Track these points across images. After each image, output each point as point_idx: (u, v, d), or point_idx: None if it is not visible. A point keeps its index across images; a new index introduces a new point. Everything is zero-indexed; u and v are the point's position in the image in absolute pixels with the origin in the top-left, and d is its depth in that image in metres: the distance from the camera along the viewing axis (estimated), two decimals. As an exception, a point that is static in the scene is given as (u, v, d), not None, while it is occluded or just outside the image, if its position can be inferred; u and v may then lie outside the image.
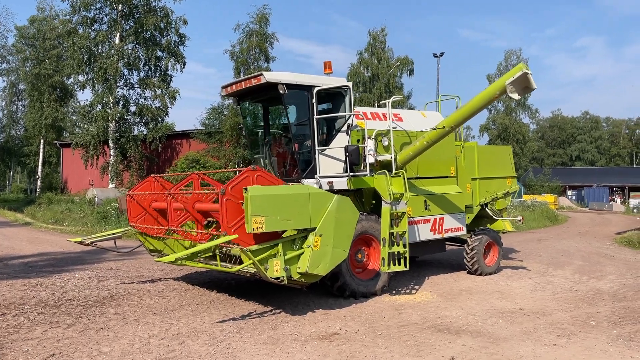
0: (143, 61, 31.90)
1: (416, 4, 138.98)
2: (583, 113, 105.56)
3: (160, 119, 31.88)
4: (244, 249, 6.87)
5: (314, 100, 8.88)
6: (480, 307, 8.25)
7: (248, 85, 8.95)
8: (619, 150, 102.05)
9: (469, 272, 11.09)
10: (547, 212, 29.50)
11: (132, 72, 31.74)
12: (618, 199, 59.25)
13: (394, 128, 9.41)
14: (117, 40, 30.79)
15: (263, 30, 28.88)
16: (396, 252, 8.69)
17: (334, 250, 7.60)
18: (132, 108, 31.89)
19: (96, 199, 26.84)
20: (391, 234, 8.57)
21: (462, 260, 11.12)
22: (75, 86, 34.66)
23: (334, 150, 8.98)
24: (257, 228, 6.87)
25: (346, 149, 8.56)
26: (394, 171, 9.12)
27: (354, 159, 8.46)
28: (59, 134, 46.54)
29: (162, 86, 31.44)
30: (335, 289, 8.55)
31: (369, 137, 9.25)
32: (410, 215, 9.18)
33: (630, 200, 42.54)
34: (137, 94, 31.96)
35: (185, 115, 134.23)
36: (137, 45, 31.41)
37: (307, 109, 9.08)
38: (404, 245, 8.75)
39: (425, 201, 10.00)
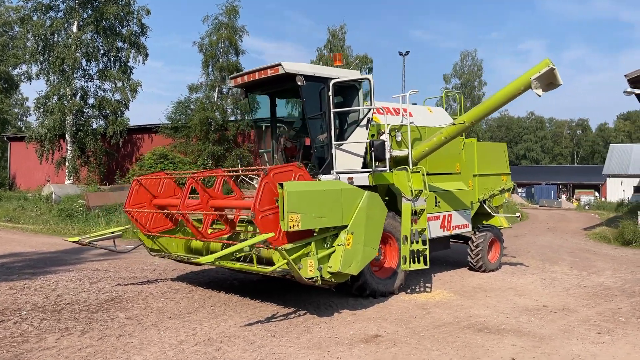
0: (102, 52, 30.54)
1: (369, 3, 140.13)
2: (529, 114, 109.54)
3: (120, 112, 30.62)
4: (279, 247, 6.47)
5: (330, 93, 8.56)
6: (503, 304, 8.15)
7: (263, 76, 8.51)
8: (562, 150, 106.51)
9: (471, 269, 11.04)
10: (512, 209, 30.19)
11: (91, 63, 30.37)
12: (564, 196, 61.72)
13: (411, 123, 9.19)
14: (74, 29, 29.33)
15: (232, 23, 28.16)
16: (415, 250, 8.49)
17: (365, 248, 7.30)
18: (91, 100, 30.49)
19: (54, 195, 25.45)
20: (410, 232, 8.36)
21: (460, 257, 11.07)
22: (23, 77, 32.87)
23: (351, 145, 8.68)
24: (293, 226, 6.48)
25: (371, 143, 8.27)
26: (410, 167, 8.92)
27: (379, 154, 8.19)
28: (3, 127, 44.06)
29: (122, 78, 30.19)
30: (355, 288, 8.25)
31: (384, 132, 9.00)
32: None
33: (581, 197, 44.29)
34: (96, 86, 30.61)
35: (146, 110, 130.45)
36: (96, 35, 30.02)
37: (319, 102, 8.77)
38: (424, 243, 8.57)
39: (435, 198, 9.85)
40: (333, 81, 8.56)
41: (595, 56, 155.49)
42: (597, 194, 59.97)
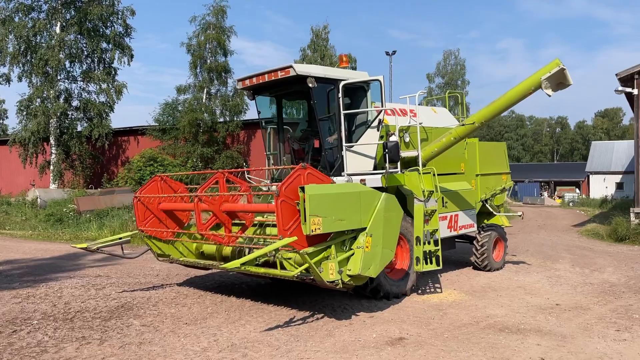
0: (86, 53, 30.04)
1: (347, 3, 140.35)
2: (509, 112, 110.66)
3: (105, 114, 30.12)
4: (301, 251, 6.42)
5: (340, 95, 8.52)
6: (517, 304, 8.19)
7: (273, 78, 8.43)
8: (542, 147, 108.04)
9: (475, 268, 11.10)
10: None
11: (74, 64, 29.84)
12: (545, 193, 62.61)
13: (419, 124, 9.19)
14: (57, 29, 28.80)
15: (220, 23, 27.90)
16: (427, 251, 8.50)
17: (383, 250, 7.28)
18: (75, 103, 29.97)
19: (39, 200, 24.96)
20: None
21: (461, 256, 11.11)
22: (1, 79, 32.17)
23: (362, 146, 8.65)
24: (315, 229, 6.43)
25: (385, 145, 8.24)
26: (420, 168, 8.92)
27: (393, 155, 8.16)
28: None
29: (107, 80, 29.72)
30: (369, 290, 8.21)
31: (392, 133, 8.99)
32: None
33: (565, 194, 44.98)
34: (80, 87, 30.10)
35: (122, 111, 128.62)
36: (79, 36, 29.51)
37: (329, 104, 8.74)
38: (435, 243, 8.58)
39: (442, 198, 9.87)
40: (343, 83, 8.52)
41: (572, 54, 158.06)
42: (578, 190, 60.96)
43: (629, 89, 16.72)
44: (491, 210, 11.79)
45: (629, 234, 16.26)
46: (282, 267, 7.07)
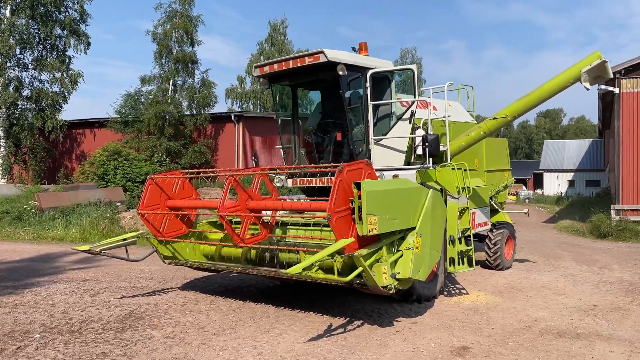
0: (38, 39, 28.07)
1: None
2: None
3: (59, 105, 28.25)
4: (355, 253, 5.81)
5: (368, 84, 7.96)
6: (553, 305, 7.84)
7: (299, 64, 7.75)
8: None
9: (486, 267, 10.78)
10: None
11: (26, 51, 27.83)
12: (496, 191, 63.93)
13: (448, 117, 8.73)
14: (7, 13, 26.75)
15: (187, 12, 26.61)
16: (460, 251, 8.06)
17: (431, 252, 6.76)
18: (26, 92, 27.96)
19: (-13, 196, 23.08)
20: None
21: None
22: None
23: (392, 140, 8.11)
24: (372, 229, 5.84)
25: (425, 138, 7.72)
26: (449, 162, 8.48)
27: (433, 149, 7.65)
28: None
29: (61, 68, 27.87)
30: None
31: (418, 127, 8.52)
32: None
33: (520, 192, 46.07)
34: (32, 76, 28.10)
35: (85, 103, 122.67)
36: (31, 21, 27.53)
37: (357, 94, 8.19)
38: (467, 243, 8.16)
39: (465, 195, 9.47)
40: (371, 71, 7.96)
41: (512, 56, 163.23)
42: (524, 188, 62.74)
43: (611, 88, 16.96)
44: (496, 207, 11.52)
45: (611, 230, 16.49)
46: (339, 271, 6.46)
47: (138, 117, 25.22)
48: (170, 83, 26.33)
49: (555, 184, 49.92)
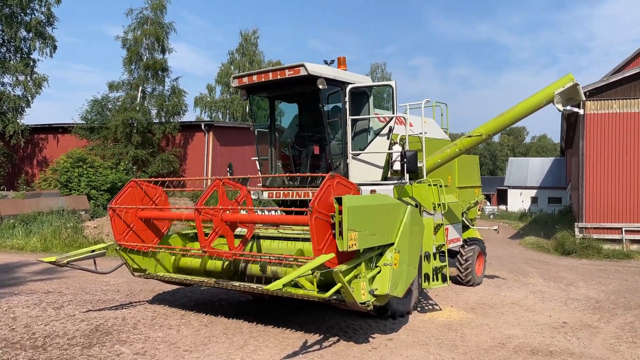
0: (1, 40, 27.24)
1: (269, 10, 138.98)
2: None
3: (21, 109, 27.40)
4: (335, 269, 5.74)
5: (347, 99, 7.96)
6: (524, 323, 7.92)
7: (279, 77, 7.70)
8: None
9: (457, 283, 10.85)
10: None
11: (-13, 53, 26.96)
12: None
13: (418, 134, 8.79)
14: (-30, 13, 25.92)
15: (159, 18, 26.26)
16: (434, 267, 8.09)
17: (409, 268, 6.74)
18: (-13, 95, 27.02)
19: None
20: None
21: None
22: None
23: (370, 155, 8.10)
24: (352, 245, 5.79)
25: (403, 154, 7.74)
26: (425, 178, 8.53)
27: (412, 165, 7.68)
28: None
29: (25, 71, 27.09)
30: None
31: (395, 142, 8.54)
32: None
33: (485, 207, 46.83)
34: (-7, 79, 27.18)
35: (45, 107, 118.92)
36: (-5, 22, 26.71)
37: (335, 109, 8.18)
38: (442, 259, 8.19)
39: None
40: (350, 86, 7.97)
41: (478, 75, 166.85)
42: (488, 203, 63.90)
43: (576, 109, 17.39)
44: (467, 223, 11.64)
45: (575, 247, 16.87)
46: (318, 287, 6.37)
47: (105, 124, 24.64)
48: (140, 90, 25.87)
49: (518, 200, 51.00)
